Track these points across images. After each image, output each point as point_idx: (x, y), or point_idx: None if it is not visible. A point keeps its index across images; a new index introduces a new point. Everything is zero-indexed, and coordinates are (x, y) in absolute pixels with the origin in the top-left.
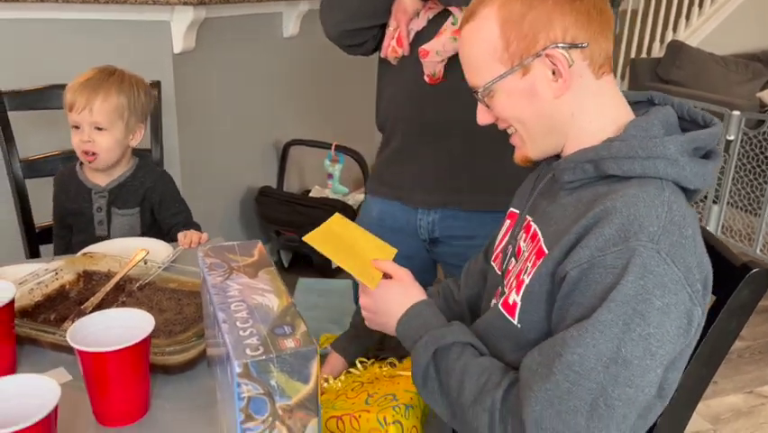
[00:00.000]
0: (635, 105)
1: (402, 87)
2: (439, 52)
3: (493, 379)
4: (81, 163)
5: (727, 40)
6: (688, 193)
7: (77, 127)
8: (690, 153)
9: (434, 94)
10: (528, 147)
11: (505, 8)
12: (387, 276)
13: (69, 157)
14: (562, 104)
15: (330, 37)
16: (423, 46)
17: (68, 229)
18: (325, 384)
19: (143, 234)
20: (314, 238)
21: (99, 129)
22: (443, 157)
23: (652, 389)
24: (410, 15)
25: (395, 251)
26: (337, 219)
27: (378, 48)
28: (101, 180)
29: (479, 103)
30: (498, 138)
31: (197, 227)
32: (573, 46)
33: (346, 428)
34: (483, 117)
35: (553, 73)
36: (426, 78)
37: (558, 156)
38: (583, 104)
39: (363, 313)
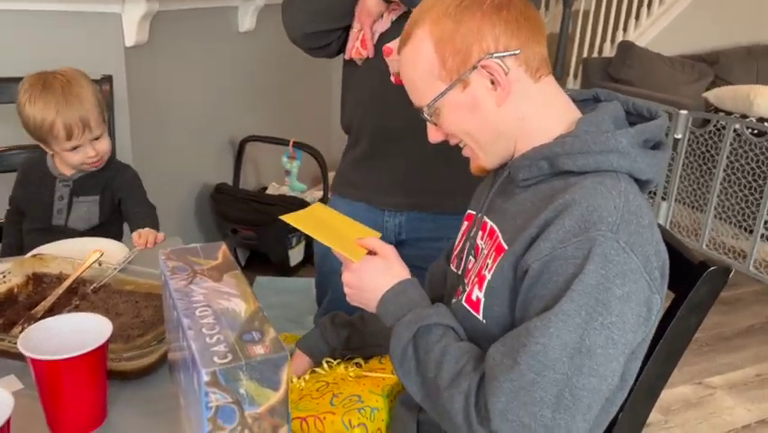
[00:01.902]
0: (581, 102)
1: (368, 89)
2: None
3: (471, 363)
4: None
5: (675, 41)
6: (641, 184)
7: (74, 148)
8: (641, 145)
9: (401, 95)
10: (482, 158)
11: (436, 27)
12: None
13: (19, 153)
14: (505, 111)
15: (293, 40)
16: (387, 44)
17: (21, 216)
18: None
19: (101, 223)
20: (292, 218)
21: (97, 138)
22: (412, 159)
23: (615, 378)
24: (374, 17)
25: (379, 234)
26: (318, 207)
27: (341, 50)
28: (68, 170)
29: (427, 123)
30: None
31: (156, 221)
32: (507, 54)
33: (310, 430)
34: (434, 135)
35: (492, 83)
36: (392, 78)
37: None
38: (526, 108)
39: (345, 289)
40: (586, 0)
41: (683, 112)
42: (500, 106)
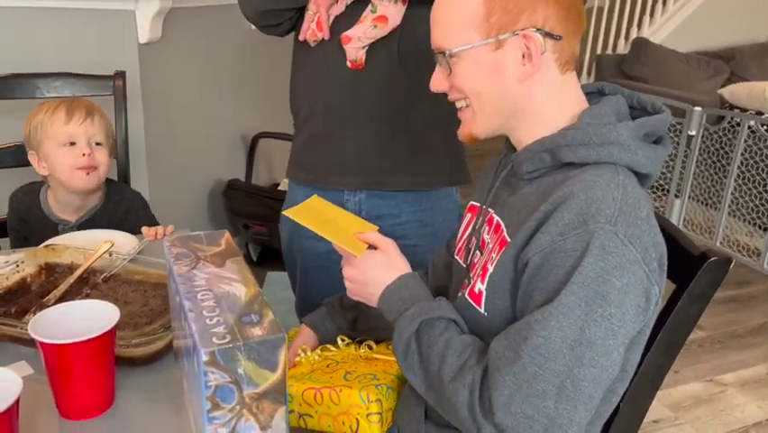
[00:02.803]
0: (586, 96)
1: (322, 71)
2: (360, 39)
3: (475, 356)
4: (48, 189)
5: (690, 37)
6: (640, 178)
7: (72, 144)
8: (642, 138)
9: (356, 78)
10: (477, 123)
11: None
12: (371, 248)
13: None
14: (523, 88)
15: (247, 16)
16: (345, 32)
17: (24, 239)
18: (301, 355)
19: None
20: (294, 213)
21: (97, 144)
22: (365, 139)
23: (615, 368)
24: (330, 1)
25: (376, 228)
26: (316, 200)
27: (293, 29)
28: (70, 216)
29: (437, 67)
30: (418, 120)
31: None
32: (549, 35)
33: (324, 401)
34: (438, 83)
35: (523, 57)
36: (349, 64)
37: (514, 148)
38: (542, 93)
39: (346, 283)
40: None
41: (697, 109)
42: (521, 82)
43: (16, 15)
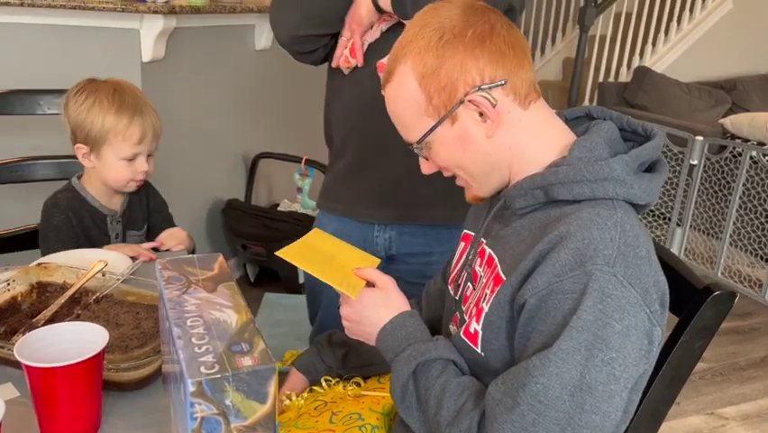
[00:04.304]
0: (574, 121)
1: (356, 99)
2: None
3: (472, 400)
4: (82, 184)
5: (691, 67)
6: (637, 207)
7: (130, 159)
8: (636, 170)
9: None
10: (476, 188)
11: (419, 63)
12: (369, 285)
13: (30, 164)
14: (496, 141)
15: (280, 42)
16: (381, 60)
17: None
18: (287, 402)
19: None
20: (288, 252)
21: (149, 156)
22: (400, 170)
23: (618, 414)
24: (365, 27)
25: (378, 261)
26: (315, 234)
27: (328, 57)
28: (115, 205)
29: (419, 156)
30: None
31: None
32: (493, 86)
33: None
34: (426, 168)
35: (481, 115)
36: (383, 92)
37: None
38: (518, 136)
39: (344, 322)
40: (603, 25)
41: (699, 138)
42: (491, 138)
43: (20, 32)
